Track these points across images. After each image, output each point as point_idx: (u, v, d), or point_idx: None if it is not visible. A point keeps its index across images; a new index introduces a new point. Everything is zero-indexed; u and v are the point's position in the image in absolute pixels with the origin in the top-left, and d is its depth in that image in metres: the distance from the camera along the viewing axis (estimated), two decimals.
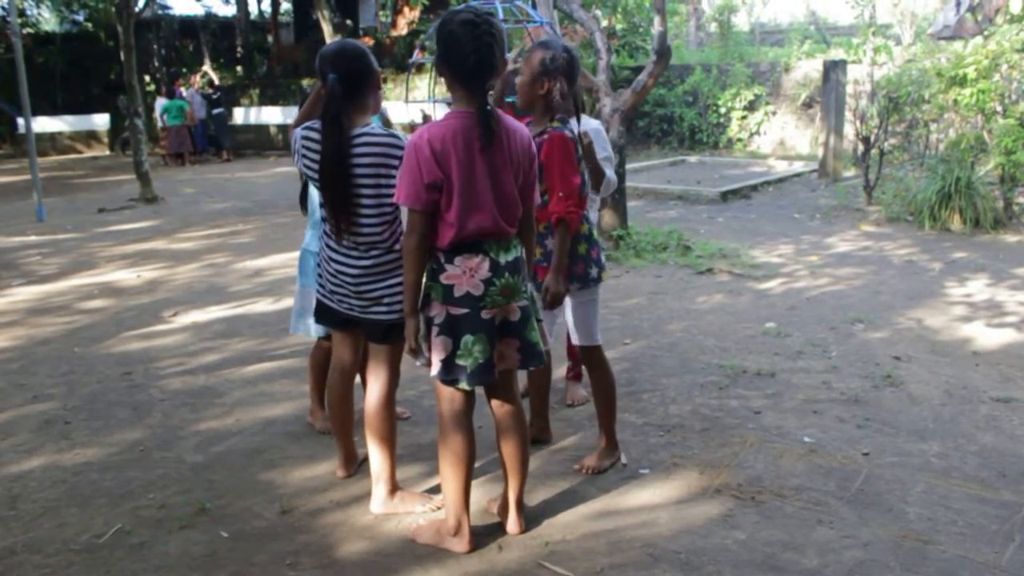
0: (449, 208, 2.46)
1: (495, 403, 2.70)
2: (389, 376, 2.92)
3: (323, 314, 3.02)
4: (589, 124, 3.47)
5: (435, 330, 2.54)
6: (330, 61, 2.75)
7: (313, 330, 3.56)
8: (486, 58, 2.41)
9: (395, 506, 2.94)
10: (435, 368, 2.55)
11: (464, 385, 2.55)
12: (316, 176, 2.78)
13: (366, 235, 2.78)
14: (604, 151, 3.55)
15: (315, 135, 2.79)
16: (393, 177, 2.72)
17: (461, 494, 2.63)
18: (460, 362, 2.52)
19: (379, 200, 2.75)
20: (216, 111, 17.00)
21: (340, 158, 2.71)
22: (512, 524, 2.76)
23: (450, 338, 2.53)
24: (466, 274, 2.49)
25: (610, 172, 3.54)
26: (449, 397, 2.60)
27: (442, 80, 2.55)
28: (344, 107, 2.72)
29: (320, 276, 2.96)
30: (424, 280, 2.58)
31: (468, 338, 2.51)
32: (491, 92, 2.51)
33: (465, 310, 2.51)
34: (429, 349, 2.58)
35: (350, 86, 2.74)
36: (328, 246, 2.88)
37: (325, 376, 3.65)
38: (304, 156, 2.84)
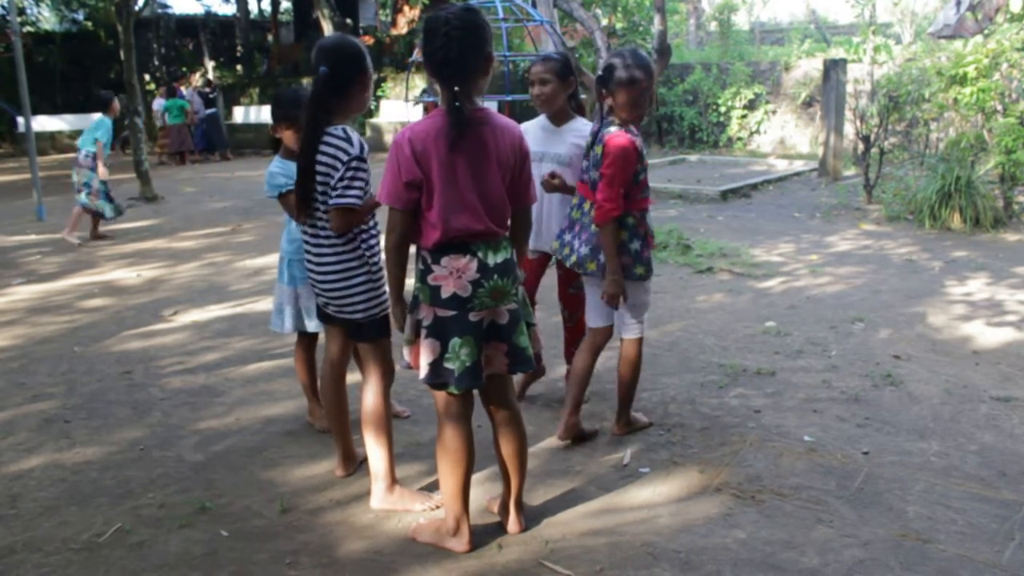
0: (431, 208, 2.44)
1: (491, 406, 2.69)
2: (381, 372, 2.94)
3: (317, 310, 3.12)
4: (585, 128, 3.51)
5: (423, 332, 2.53)
6: (324, 55, 2.78)
7: (286, 326, 3.58)
8: (453, 54, 2.37)
9: (394, 502, 2.94)
10: (423, 371, 2.54)
11: (452, 389, 2.52)
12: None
13: (322, 232, 2.84)
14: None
15: None
16: (333, 177, 2.74)
17: (459, 494, 2.63)
18: (448, 365, 2.50)
19: (327, 198, 2.79)
20: (209, 111, 16.97)
21: (310, 152, 2.76)
22: (512, 524, 2.76)
23: (438, 341, 2.50)
24: (453, 275, 2.46)
25: None
26: (444, 399, 2.59)
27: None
28: (329, 102, 2.75)
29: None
30: (413, 282, 2.57)
31: (455, 340, 2.48)
32: (477, 90, 2.47)
33: (452, 312, 2.48)
34: (413, 353, 2.58)
35: (338, 83, 2.77)
36: (310, 252, 2.92)
37: (315, 372, 3.67)
38: None
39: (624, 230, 3.23)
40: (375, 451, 2.93)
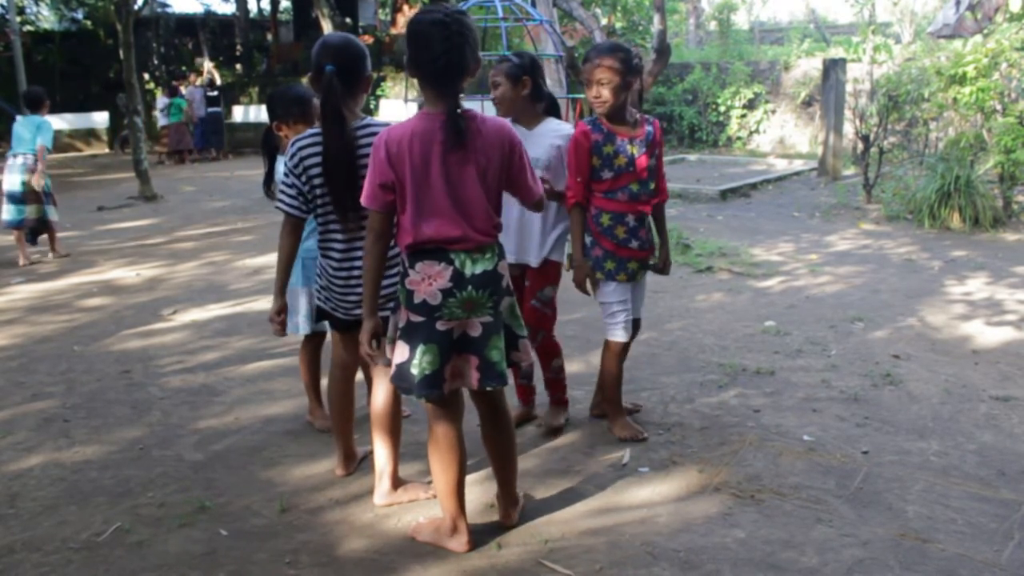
0: (404, 211, 2.44)
1: (478, 404, 2.70)
2: None
3: (323, 317, 3.04)
4: (563, 128, 3.44)
5: (398, 333, 2.52)
6: (332, 53, 2.75)
7: (301, 327, 3.56)
8: (456, 60, 2.36)
9: (398, 496, 2.96)
10: (391, 372, 2.54)
11: (415, 395, 2.51)
12: (321, 174, 2.77)
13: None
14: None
15: (316, 138, 2.79)
16: None
17: (454, 495, 2.62)
18: (414, 371, 2.47)
19: None
20: (210, 110, 16.97)
21: (348, 149, 2.72)
22: (504, 515, 2.78)
23: (407, 345, 2.49)
24: (425, 281, 2.44)
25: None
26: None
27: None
28: (343, 99, 2.73)
29: (323, 289, 2.95)
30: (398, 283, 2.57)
31: (420, 347, 2.46)
32: (462, 94, 2.45)
33: (421, 318, 2.46)
34: (392, 351, 2.57)
35: (347, 81, 2.74)
36: (333, 258, 2.85)
37: (318, 372, 3.66)
38: (310, 165, 2.79)
39: None
40: (383, 449, 2.93)
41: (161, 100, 16.21)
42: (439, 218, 2.42)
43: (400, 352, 2.50)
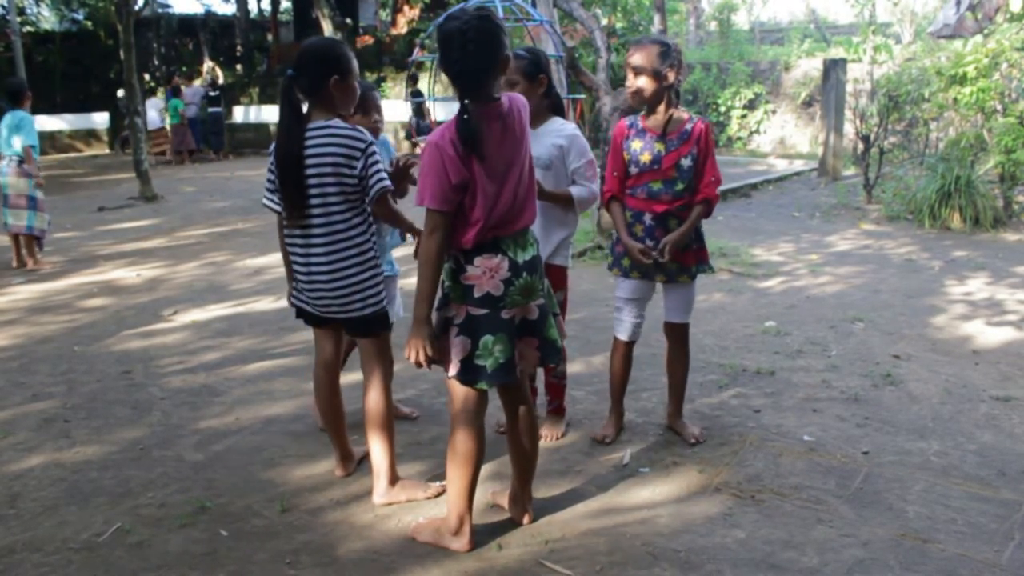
0: (473, 206, 2.44)
1: (508, 400, 2.71)
2: (383, 369, 2.95)
3: (301, 315, 3.06)
4: (566, 128, 3.40)
5: (454, 330, 2.54)
6: (295, 57, 2.83)
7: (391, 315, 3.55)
8: (469, 66, 2.39)
9: (396, 494, 2.97)
10: (453, 368, 2.55)
11: (483, 385, 2.54)
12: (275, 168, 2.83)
13: (328, 227, 2.80)
14: (580, 159, 3.35)
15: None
16: (355, 168, 2.75)
17: (466, 494, 2.64)
18: (479, 362, 2.51)
19: (342, 190, 2.78)
20: (212, 110, 16.99)
21: (293, 148, 2.75)
22: (524, 515, 2.80)
23: (469, 339, 2.52)
24: (486, 275, 2.48)
25: (579, 189, 3.33)
26: (463, 397, 2.59)
27: (442, 78, 2.57)
28: (298, 100, 2.78)
29: (298, 287, 2.97)
30: (443, 280, 2.56)
31: (488, 338, 2.50)
32: (496, 87, 2.47)
33: (485, 311, 2.50)
34: (448, 350, 2.56)
35: (307, 83, 2.79)
36: (298, 253, 2.88)
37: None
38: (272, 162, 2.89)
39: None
40: (378, 448, 2.94)
41: (153, 102, 16.24)
42: (504, 209, 2.47)
43: (460, 347, 2.53)
